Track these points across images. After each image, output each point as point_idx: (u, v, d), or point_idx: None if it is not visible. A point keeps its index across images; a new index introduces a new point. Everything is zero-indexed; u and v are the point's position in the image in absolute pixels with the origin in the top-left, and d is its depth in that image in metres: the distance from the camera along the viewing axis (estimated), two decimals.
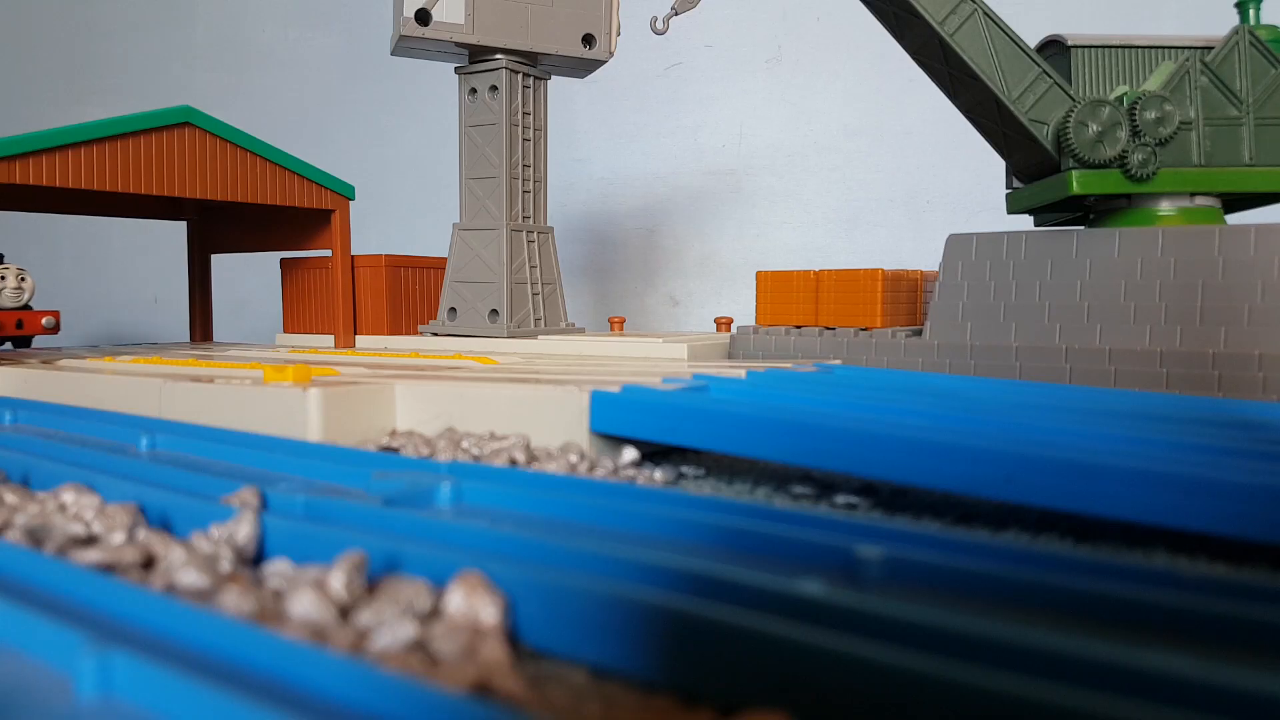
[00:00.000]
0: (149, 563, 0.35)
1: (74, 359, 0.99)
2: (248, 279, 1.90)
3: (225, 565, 0.34)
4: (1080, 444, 0.46)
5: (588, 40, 1.19)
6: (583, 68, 1.23)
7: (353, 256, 1.27)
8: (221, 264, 1.48)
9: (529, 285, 1.19)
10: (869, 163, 1.85)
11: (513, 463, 0.56)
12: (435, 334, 1.23)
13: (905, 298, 1.07)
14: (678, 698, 0.26)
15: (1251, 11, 0.89)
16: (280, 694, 0.23)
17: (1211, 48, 0.87)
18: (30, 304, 1.29)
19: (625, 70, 1.73)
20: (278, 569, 0.33)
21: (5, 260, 1.32)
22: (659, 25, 1.13)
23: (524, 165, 1.19)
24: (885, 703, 0.22)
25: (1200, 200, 0.88)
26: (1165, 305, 0.81)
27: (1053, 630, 0.25)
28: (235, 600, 0.30)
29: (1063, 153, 0.86)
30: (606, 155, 2.04)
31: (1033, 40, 0.91)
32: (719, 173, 1.96)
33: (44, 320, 1.28)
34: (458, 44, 1.13)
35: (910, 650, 0.23)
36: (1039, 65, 0.87)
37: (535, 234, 1.20)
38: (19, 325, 1.26)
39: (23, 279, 1.27)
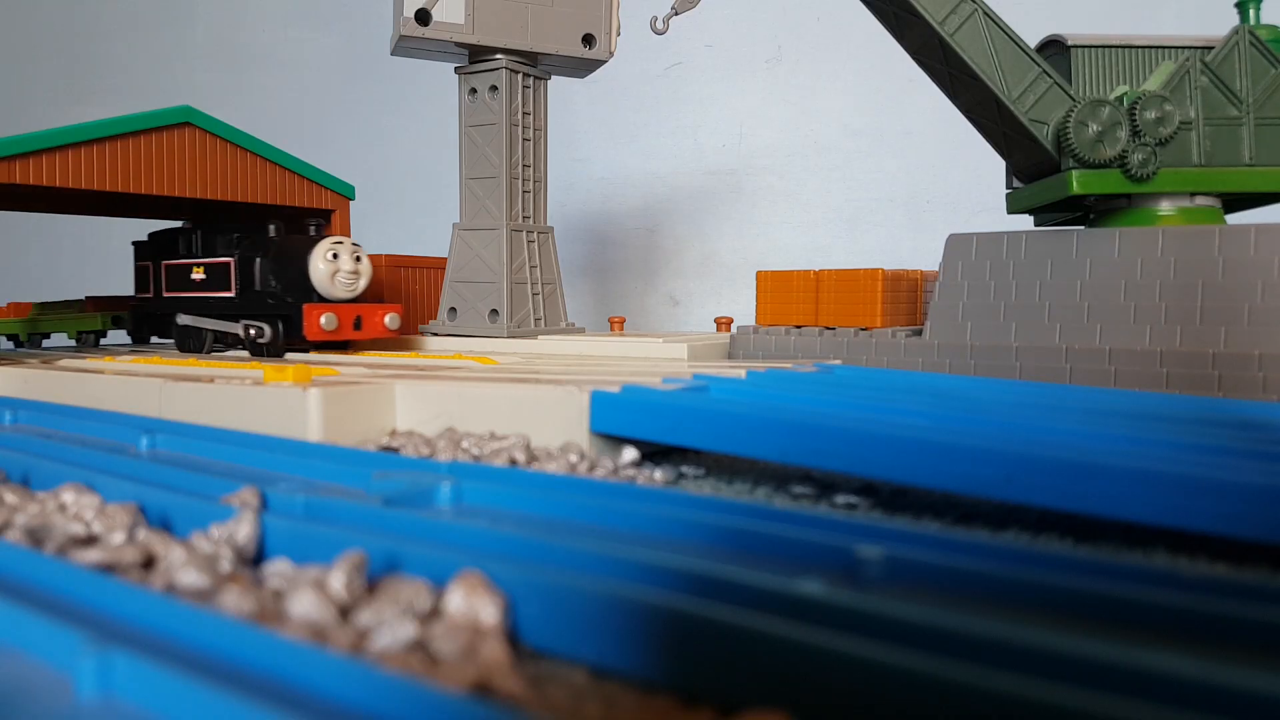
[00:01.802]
0: (149, 563, 0.35)
1: (74, 359, 0.99)
2: None
3: (225, 565, 0.34)
4: (1080, 444, 0.46)
5: (588, 40, 1.19)
6: (583, 68, 1.23)
7: None
8: None
9: (529, 285, 1.19)
10: (869, 163, 1.85)
11: (513, 463, 0.56)
12: (435, 334, 1.23)
13: (905, 298, 1.07)
14: (678, 698, 0.26)
15: (1251, 11, 0.89)
16: (280, 694, 0.23)
17: (1211, 48, 0.87)
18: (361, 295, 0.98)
19: (625, 70, 1.73)
20: (278, 569, 0.33)
21: (333, 234, 0.95)
22: (659, 25, 1.13)
23: (524, 165, 1.19)
24: (885, 703, 0.22)
25: (1200, 200, 0.88)
26: (1165, 305, 0.81)
27: (1053, 630, 0.25)
28: (235, 600, 0.30)
29: (1063, 153, 0.86)
30: (606, 155, 2.04)
31: (1033, 40, 0.91)
32: (719, 173, 1.96)
33: (387, 318, 0.94)
34: (458, 44, 1.13)
35: (910, 650, 0.23)
36: (1039, 65, 0.87)
37: (535, 234, 1.20)
38: (357, 325, 0.94)
39: (358, 258, 0.95)
